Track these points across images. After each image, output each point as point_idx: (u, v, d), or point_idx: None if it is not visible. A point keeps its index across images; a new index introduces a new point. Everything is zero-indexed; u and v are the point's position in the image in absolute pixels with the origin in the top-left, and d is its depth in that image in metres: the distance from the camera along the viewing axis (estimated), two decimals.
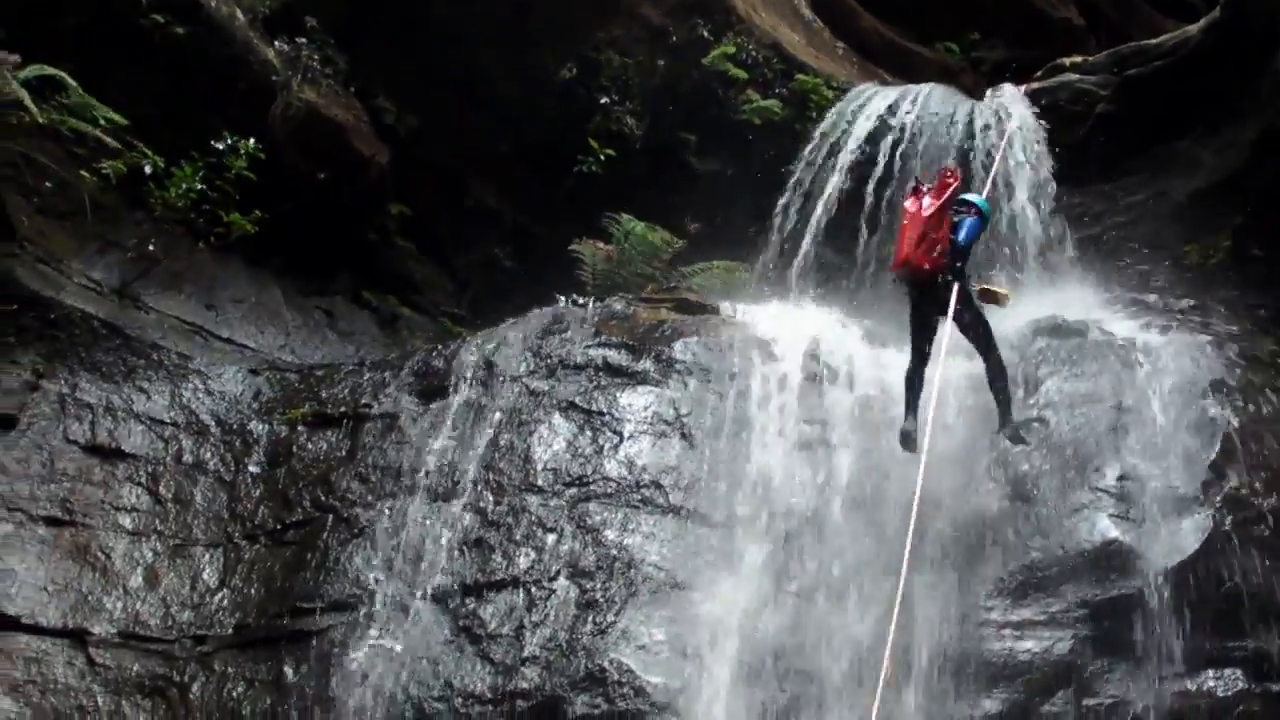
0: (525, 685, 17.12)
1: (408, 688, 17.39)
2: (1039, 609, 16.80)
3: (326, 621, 18.19)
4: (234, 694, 17.81)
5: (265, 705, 17.66)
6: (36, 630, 18.03)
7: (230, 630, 18.45)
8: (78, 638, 18.13)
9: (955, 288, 17.18)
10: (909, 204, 17.57)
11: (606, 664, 16.96)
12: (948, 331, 17.20)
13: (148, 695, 17.83)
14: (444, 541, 18.58)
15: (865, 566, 17.12)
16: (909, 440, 17.15)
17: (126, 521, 19.21)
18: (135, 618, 18.41)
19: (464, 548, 18.47)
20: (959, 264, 17.33)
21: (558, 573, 17.95)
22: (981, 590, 16.97)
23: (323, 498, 19.48)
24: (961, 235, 17.51)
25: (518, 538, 18.35)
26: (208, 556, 19.13)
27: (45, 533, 18.78)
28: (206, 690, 17.87)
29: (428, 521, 18.87)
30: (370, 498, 19.35)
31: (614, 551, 18.01)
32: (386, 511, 19.15)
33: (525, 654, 17.32)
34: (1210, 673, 16.12)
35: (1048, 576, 16.98)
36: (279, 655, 18.06)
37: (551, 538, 18.27)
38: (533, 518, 18.47)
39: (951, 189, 17.37)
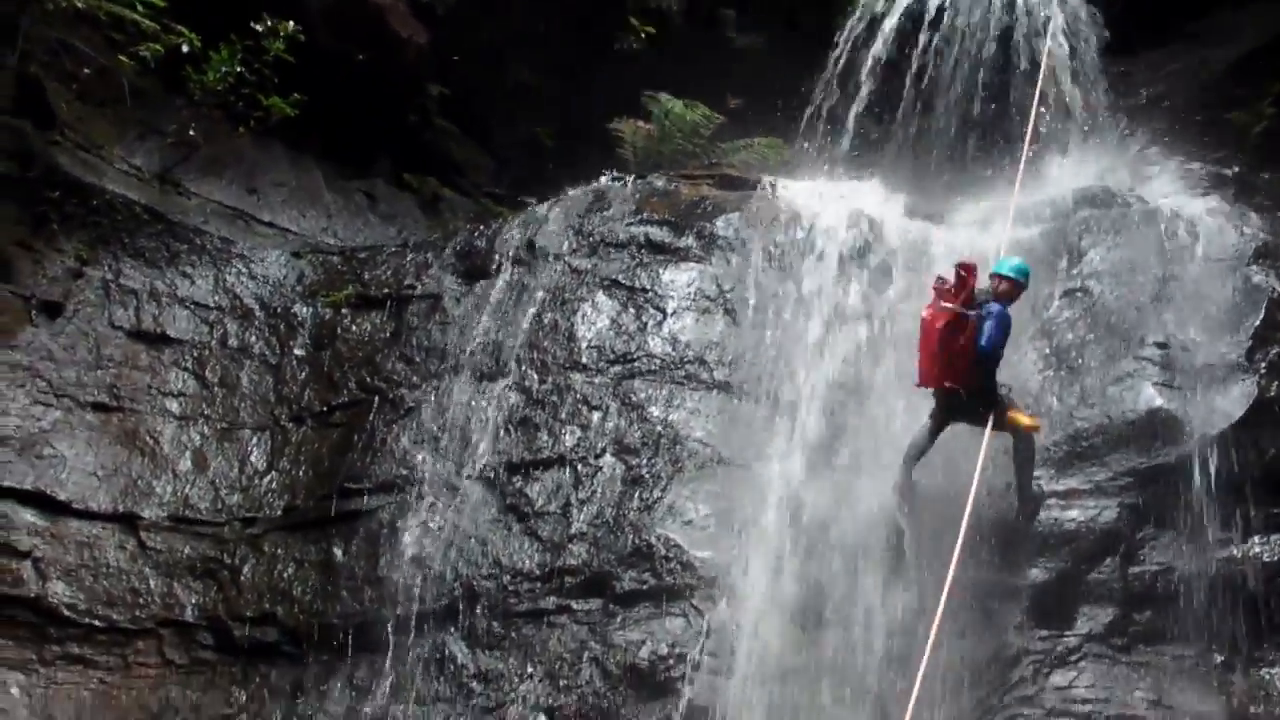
0: (573, 562, 17.23)
1: (456, 566, 17.51)
2: (1085, 478, 16.74)
3: (374, 502, 18.30)
4: (284, 575, 17.95)
5: (315, 585, 17.82)
6: (87, 515, 18.16)
7: (279, 512, 18.57)
8: (128, 522, 18.26)
9: (991, 418, 15.72)
10: (926, 312, 15.85)
11: (653, 539, 17.03)
12: (985, 444, 15.56)
13: (198, 577, 18.00)
14: (490, 421, 18.61)
15: (910, 437, 17.02)
16: (903, 496, 16.46)
17: (174, 406, 19.28)
18: (185, 501, 18.53)
19: (510, 427, 18.50)
20: (989, 379, 15.79)
21: (604, 450, 17.98)
22: None
23: (368, 379, 19.51)
24: (983, 343, 15.50)
25: (563, 416, 18.38)
26: (255, 439, 19.21)
27: (93, 418, 18.86)
28: (257, 572, 18.03)
29: (473, 401, 18.90)
30: (415, 379, 19.37)
31: (659, 428, 18.02)
32: (432, 392, 19.19)
33: (572, 531, 17.41)
34: (1256, 539, 16.06)
35: (1093, 446, 16.90)
36: (328, 536, 18.20)
37: (597, 415, 18.28)
38: (578, 395, 18.49)
39: (968, 289, 15.61)
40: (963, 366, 15.50)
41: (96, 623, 17.45)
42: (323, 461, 18.85)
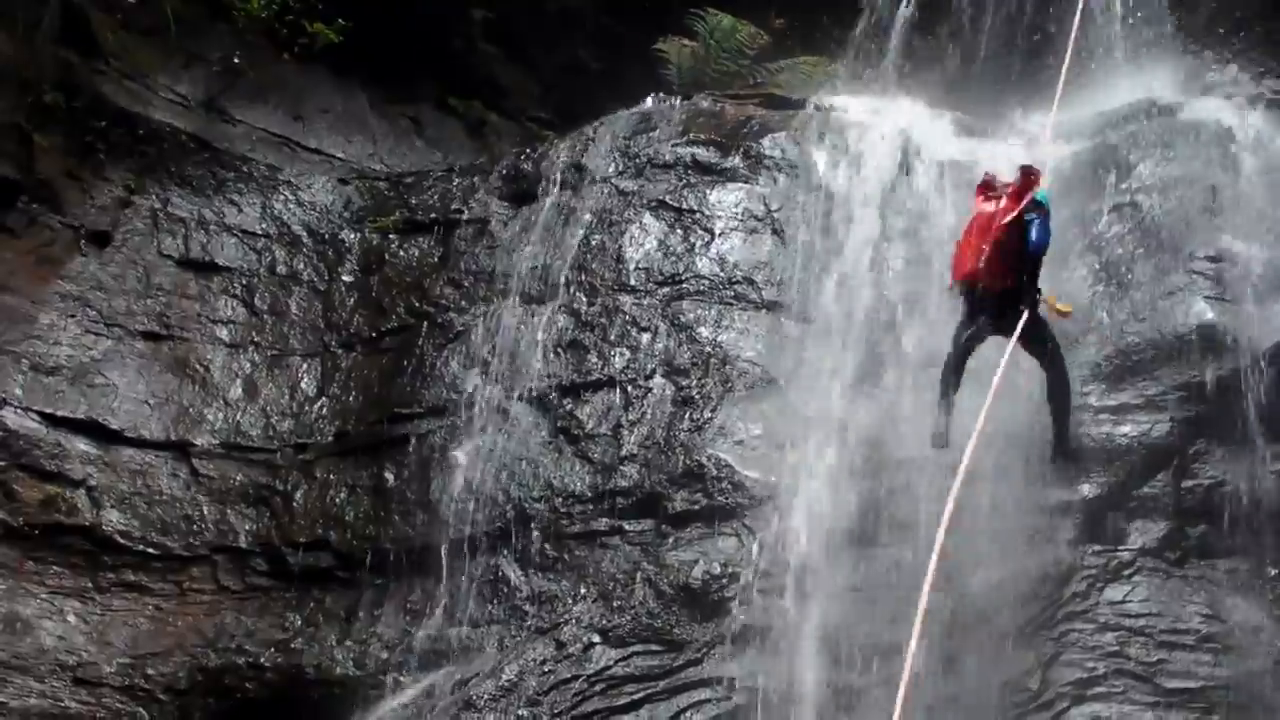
0: (624, 483, 17.24)
1: (508, 489, 17.54)
2: (1136, 393, 16.61)
3: (425, 426, 18.33)
4: (336, 500, 18.02)
5: (367, 510, 17.89)
6: (140, 443, 18.31)
7: (330, 438, 18.64)
8: (181, 449, 18.40)
9: (1026, 313, 15.10)
10: (981, 204, 15.47)
11: (704, 459, 17.02)
12: (1009, 353, 14.81)
13: (252, 504, 18.10)
14: (539, 344, 18.59)
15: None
16: (940, 439, 15.30)
17: (223, 334, 19.36)
18: (236, 428, 18.63)
19: (559, 349, 18.48)
20: (1031, 278, 15.19)
21: (653, 371, 17.95)
22: (1078, 376, 16.77)
23: (416, 304, 19.50)
24: (1033, 240, 15.08)
25: (612, 338, 18.34)
26: (305, 366, 19.25)
27: (144, 347, 18.98)
28: (309, 497, 18.11)
29: (522, 325, 18.87)
30: (464, 303, 19.35)
31: (708, 348, 17.97)
32: (481, 316, 19.16)
33: (623, 452, 17.41)
34: None
35: (1144, 360, 16.75)
36: (379, 461, 18.26)
37: (646, 336, 18.23)
38: (626, 317, 18.43)
39: (1033, 190, 15.22)
40: (1014, 265, 15.13)
41: (151, 550, 17.60)
42: (373, 387, 18.88)
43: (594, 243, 19.21)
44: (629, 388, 17.86)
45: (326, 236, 20.56)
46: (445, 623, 16.84)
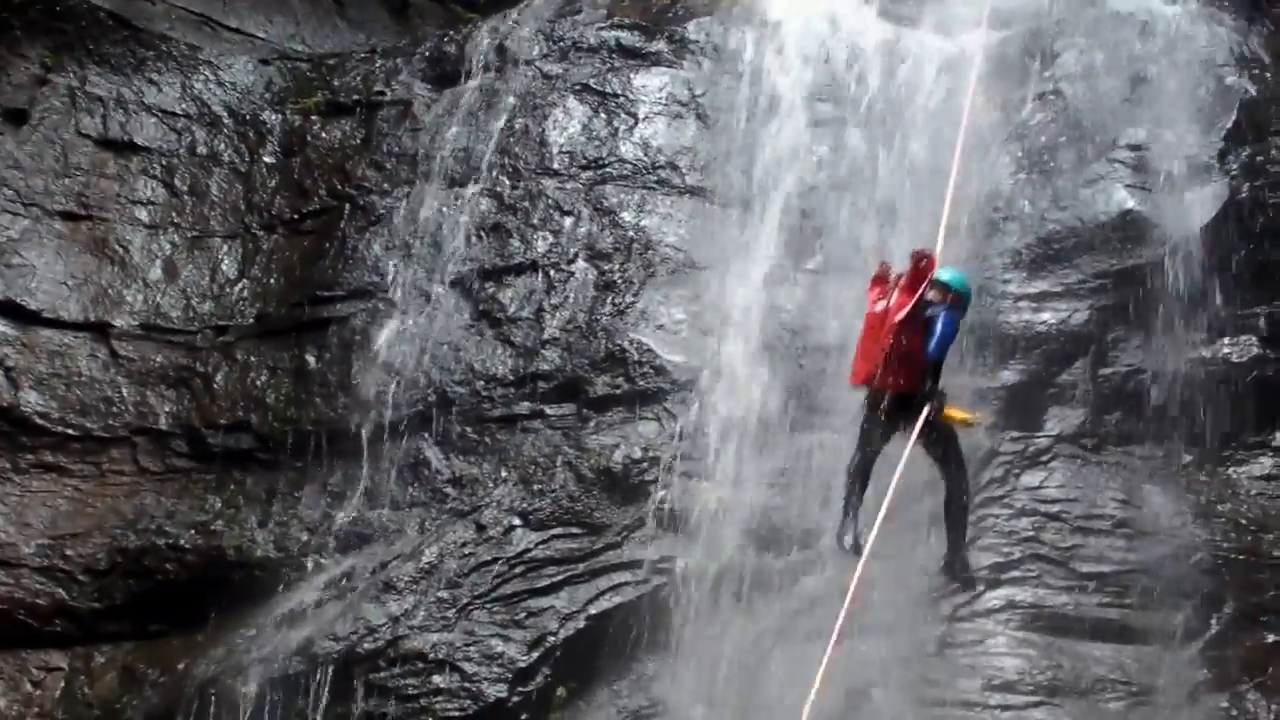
0: (546, 367, 17.03)
1: (429, 372, 17.28)
2: (1056, 280, 16.60)
3: (346, 309, 17.99)
4: (257, 383, 17.68)
5: (288, 392, 17.57)
6: (58, 324, 17.88)
7: (251, 320, 18.24)
8: (100, 331, 17.97)
9: (926, 410, 12.98)
10: (872, 300, 13.34)
11: (626, 344, 16.84)
12: (907, 453, 12.95)
13: (172, 385, 17.72)
14: (461, 227, 18.25)
15: (883, 242, 16.75)
16: (850, 544, 13.29)
17: (143, 215, 18.87)
18: (156, 310, 18.21)
19: (481, 233, 18.14)
20: (932, 381, 13.03)
21: (576, 255, 17.68)
22: (998, 264, 16.68)
23: (339, 186, 19.06)
24: (933, 343, 12.93)
25: (535, 221, 18.02)
26: (226, 248, 18.82)
27: (62, 227, 18.49)
28: (230, 379, 17.74)
29: (444, 208, 18.50)
30: (386, 185, 18.93)
31: (631, 233, 17.72)
32: (403, 199, 18.77)
33: (545, 336, 17.18)
34: (1226, 340, 16.04)
35: (1064, 248, 16.71)
36: (300, 343, 17.91)
37: (569, 220, 17.94)
38: (549, 201, 18.11)
39: (928, 279, 13.07)
40: (913, 367, 12.97)
41: (70, 431, 17.25)
42: (294, 269, 18.50)
43: (517, 126, 18.83)
44: (551, 272, 17.59)
45: (247, 117, 20.02)
46: (366, 505, 16.62)
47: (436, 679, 15.17)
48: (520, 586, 15.65)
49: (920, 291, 12.94)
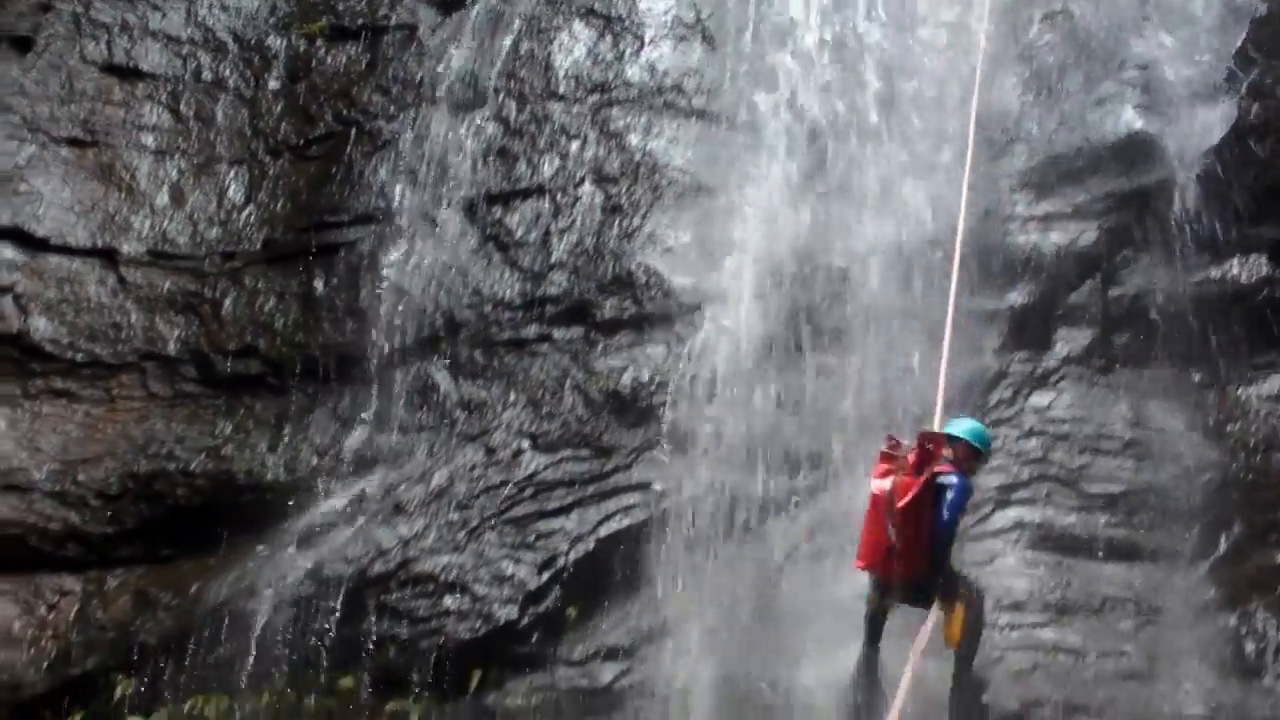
0: (553, 291, 16.94)
1: (437, 297, 17.18)
2: (1064, 202, 16.45)
3: (354, 234, 17.87)
4: (265, 308, 17.56)
5: (296, 318, 17.46)
6: (66, 250, 17.76)
7: (258, 246, 18.09)
8: (107, 257, 17.84)
9: (937, 598, 12.35)
10: (877, 480, 12.31)
11: (633, 267, 16.73)
12: (929, 628, 12.25)
13: (180, 311, 17.60)
14: (468, 152, 18.13)
15: (893, 167, 16.59)
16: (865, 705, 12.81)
17: (149, 141, 18.70)
18: (163, 236, 18.07)
19: (488, 157, 18.03)
20: (944, 560, 12.32)
21: (583, 179, 17.56)
22: (1006, 185, 16.53)
23: (344, 111, 18.90)
24: (942, 525, 12.16)
25: (541, 145, 17.91)
26: (232, 173, 18.65)
27: (68, 154, 18.35)
28: (237, 305, 17.61)
29: (451, 133, 18.37)
30: (392, 110, 18.79)
31: (638, 156, 17.60)
32: (409, 124, 18.64)
33: (552, 260, 17.09)
34: (1235, 260, 15.82)
35: (1072, 169, 16.57)
36: (308, 269, 17.78)
37: (575, 144, 17.81)
38: (556, 125, 18.00)
39: (935, 462, 12.21)
40: (919, 552, 12.15)
41: (79, 357, 17.14)
42: (300, 195, 18.35)
43: (523, 50, 18.71)
44: (558, 196, 17.49)
45: (252, 43, 19.83)
46: (375, 429, 16.56)
47: (447, 601, 15.11)
48: (530, 509, 15.57)
49: (927, 475, 12.02)
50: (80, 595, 16.11)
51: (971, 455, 12.61)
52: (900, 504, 11.98)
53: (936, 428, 12.50)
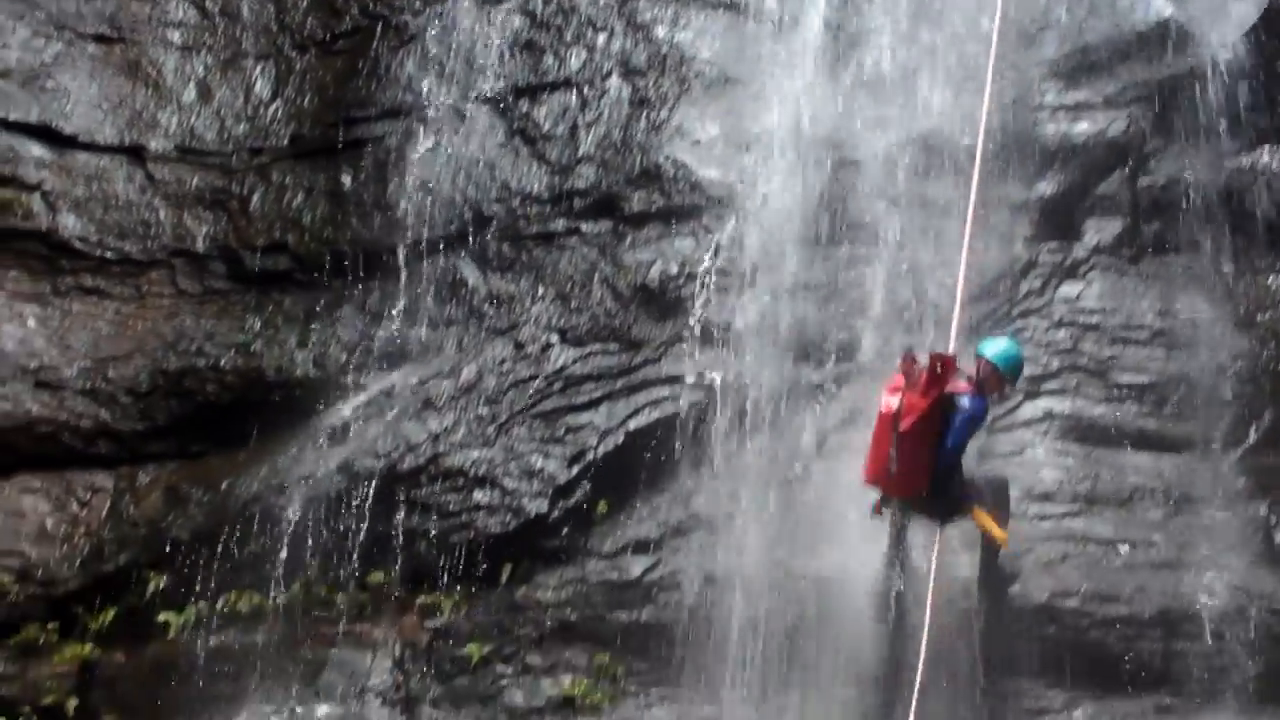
0: (581, 184, 16.79)
1: (465, 191, 17.03)
2: (1094, 91, 16.34)
3: (381, 129, 17.67)
4: (293, 203, 17.41)
5: (324, 213, 17.30)
6: (94, 147, 17.52)
7: (285, 141, 17.89)
8: (135, 154, 17.63)
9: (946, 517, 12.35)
10: (886, 398, 12.14)
11: (661, 160, 16.56)
12: (939, 543, 12.38)
13: (208, 208, 17.44)
14: (494, 45, 17.88)
15: (922, 55, 16.39)
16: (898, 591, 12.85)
17: (175, 36, 18.44)
18: (191, 132, 17.86)
19: (515, 50, 17.79)
20: (950, 482, 12.16)
21: (610, 71, 17.34)
22: (1036, 74, 16.34)
23: (370, 5, 18.59)
24: (947, 449, 12.02)
25: (568, 38, 17.67)
26: (259, 69, 18.42)
27: (95, 50, 18.08)
28: (265, 201, 17.46)
29: (477, 26, 18.10)
30: (418, 3, 18.47)
31: (665, 49, 17.36)
32: (436, 17, 18.31)
33: (580, 153, 16.92)
34: (1266, 148, 15.82)
35: (1102, 58, 16.45)
36: (335, 164, 17.60)
37: (602, 36, 17.57)
38: (582, 17, 17.74)
39: (943, 385, 12.02)
40: (922, 471, 12.06)
41: (108, 254, 17.00)
42: (327, 90, 18.14)
43: None
44: (585, 89, 17.31)
45: None
46: (404, 324, 16.44)
47: (477, 495, 15.11)
48: (559, 403, 15.52)
49: (934, 398, 11.89)
50: (112, 492, 16.11)
51: (996, 380, 12.49)
52: (903, 426, 11.84)
53: (953, 345, 12.38)
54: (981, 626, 13.51)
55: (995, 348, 12.53)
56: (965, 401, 12.05)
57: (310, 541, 15.01)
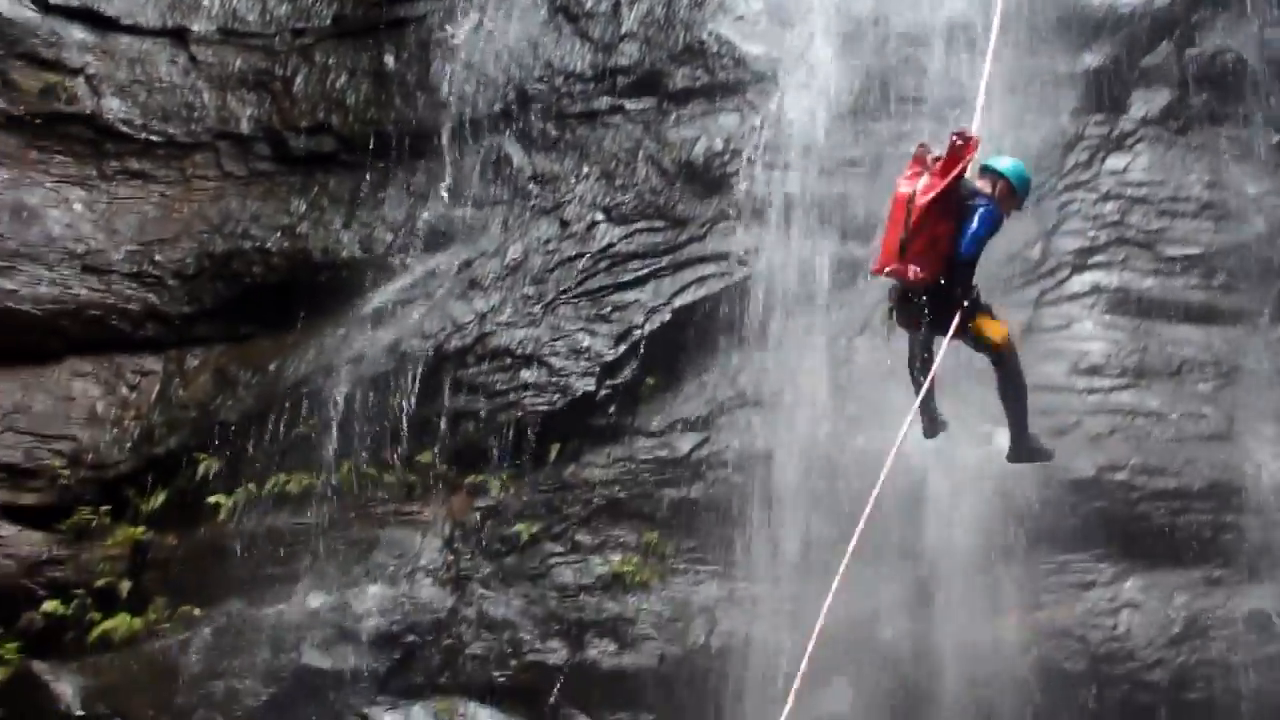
0: (624, 61, 16.60)
1: (508, 70, 16.86)
2: None
3: (423, 8, 17.50)
4: (336, 84, 17.26)
5: (368, 93, 17.16)
6: (137, 30, 17.40)
7: (328, 21, 17.73)
8: (178, 36, 17.48)
9: (957, 316, 11.06)
10: (903, 181, 11.16)
11: (705, 36, 16.37)
12: (941, 354, 11.16)
13: (252, 89, 17.32)
14: None
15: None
16: (933, 430, 11.74)
17: None
18: (233, 14, 17.70)
19: None
20: (961, 283, 11.10)
21: None
22: None
23: None
24: (966, 238, 10.96)
25: None
26: None
27: None
28: (309, 82, 17.31)
29: None
30: None
31: None
32: None
33: (623, 30, 16.73)
34: None
35: None
36: (378, 44, 17.44)
37: None
38: None
39: (964, 163, 10.97)
40: (936, 257, 10.97)
41: (153, 138, 16.92)
42: None
43: None
44: None
45: None
46: (449, 204, 16.36)
47: (525, 374, 15.07)
48: (605, 281, 15.45)
49: (954, 175, 10.87)
50: (161, 375, 16.12)
51: (1008, 193, 11.97)
52: (921, 200, 10.87)
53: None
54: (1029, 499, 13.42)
55: (1004, 162, 12.09)
56: (984, 201, 11.63)
57: (358, 423, 15.00)
